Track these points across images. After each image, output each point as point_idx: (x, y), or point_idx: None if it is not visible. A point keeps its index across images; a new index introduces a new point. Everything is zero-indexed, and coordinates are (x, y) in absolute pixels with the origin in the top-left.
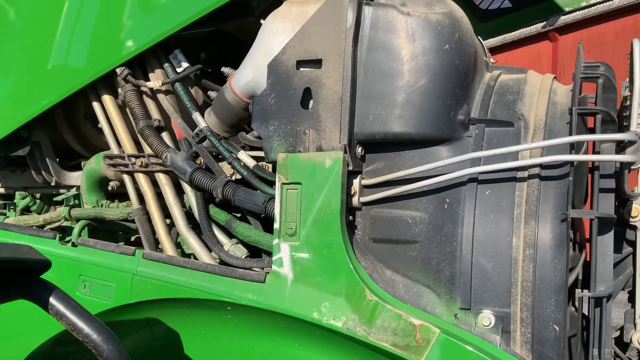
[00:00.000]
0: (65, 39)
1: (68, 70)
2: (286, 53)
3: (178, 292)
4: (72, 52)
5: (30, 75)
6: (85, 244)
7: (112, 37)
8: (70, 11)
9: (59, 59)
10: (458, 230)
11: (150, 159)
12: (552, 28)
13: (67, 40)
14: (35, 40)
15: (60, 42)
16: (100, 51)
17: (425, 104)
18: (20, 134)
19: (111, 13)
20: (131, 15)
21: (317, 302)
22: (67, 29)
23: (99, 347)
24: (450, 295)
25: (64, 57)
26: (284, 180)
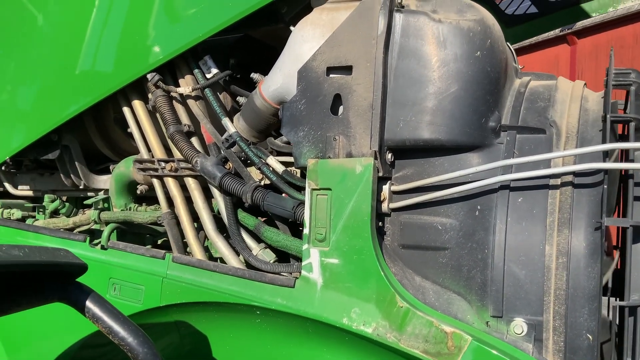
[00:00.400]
0: (96, 44)
1: (99, 76)
2: (316, 59)
3: (207, 295)
4: (103, 57)
5: (60, 80)
6: (116, 247)
7: (143, 43)
8: (100, 16)
9: (89, 64)
10: (490, 238)
11: (180, 164)
12: (570, 31)
13: (98, 46)
14: (65, 45)
15: (90, 48)
16: (131, 57)
17: (457, 110)
18: (51, 138)
19: (142, 19)
20: (162, 21)
21: (347, 307)
22: (97, 34)
23: (134, 350)
24: (482, 303)
25: (94, 63)
26: (313, 186)
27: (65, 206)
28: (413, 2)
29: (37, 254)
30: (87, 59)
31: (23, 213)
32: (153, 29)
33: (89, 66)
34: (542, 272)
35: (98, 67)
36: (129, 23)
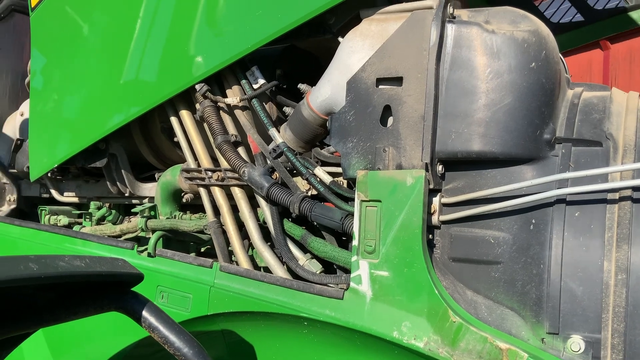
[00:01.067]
0: (144, 54)
1: (147, 86)
2: (366, 70)
3: (255, 305)
4: (152, 68)
5: (109, 89)
6: (163, 255)
7: (192, 54)
8: (148, 27)
9: (138, 75)
10: (545, 253)
11: (227, 173)
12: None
13: (146, 56)
14: (113, 54)
15: (138, 58)
16: (180, 68)
17: (511, 122)
18: (99, 146)
19: (191, 30)
20: (211, 33)
21: (397, 321)
22: (145, 45)
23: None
24: (537, 319)
25: (143, 73)
26: (363, 197)
27: (111, 213)
28: (465, 13)
29: (97, 265)
30: (136, 70)
31: (69, 219)
32: (202, 40)
33: (137, 76)
34: (600, 289)
35: (147, 78)
36: (178, 34)
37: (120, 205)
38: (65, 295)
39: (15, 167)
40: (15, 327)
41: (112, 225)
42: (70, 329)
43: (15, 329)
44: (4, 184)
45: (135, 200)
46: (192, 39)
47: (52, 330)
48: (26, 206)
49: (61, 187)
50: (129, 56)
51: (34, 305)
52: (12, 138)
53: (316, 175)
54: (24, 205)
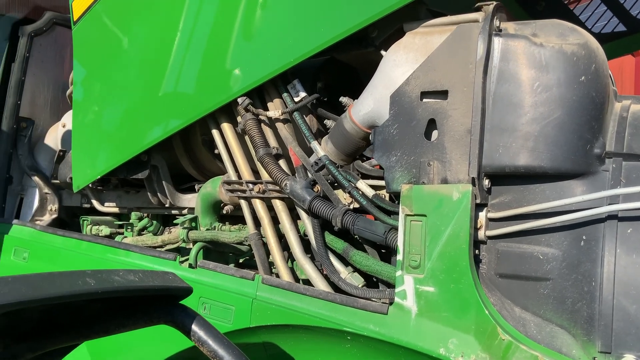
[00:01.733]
0: (187, 68)
1: (191, 99)
2: (410, 84)
3: (297, 318)
4: (194, 81)
5: (151, 102)
6: (206, 267)
7: (234, 68)
8: (191, 40)
9: (181, 88)
10: (597, 270)
11: (268, 186)
12: None
13: (189, 70)
14: (156, 68)
15: (181, 71)
16: (222, 82)
17: (561, 137)
18: (141, 158)
19: (233, 44)
20: (254, 46)
21: (443, 337)
22: (188, 58)
23: None
24: (588, 338)
25: (186, 86)
26: (407, 211)
27: (153, 224)
28: (511, 26)
29: (150, 279)
30: (178, 83)
31: (111, 229)
32: (245, 53)
33: (180, 90)
34: None
35: (190, 91)
36: (219, 47)
37: (159, 215)
38: (114, 307)
39: (58, 178)
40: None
41: (153, 236)
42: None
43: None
44: (45, 194)
45: (175, 210)
46: (234, 53)
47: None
48: (67, 216)
49: (102, 197)
50: (171, 69)
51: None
52: (54, 149)
53: (358, 188)
54: (65, 214)
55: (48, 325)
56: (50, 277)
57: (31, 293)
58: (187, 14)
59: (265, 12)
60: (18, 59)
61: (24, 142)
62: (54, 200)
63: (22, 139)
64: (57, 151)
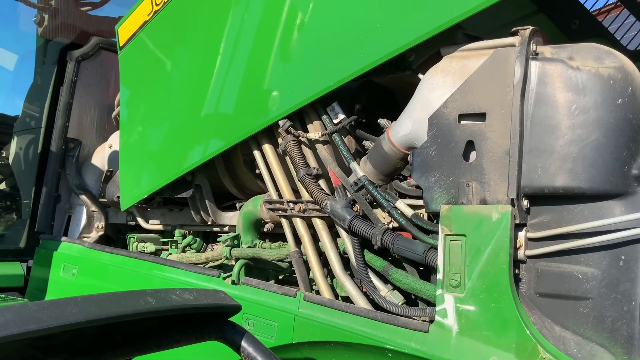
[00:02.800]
0: (229, 91)
1: (234, 121)
2: (448, 107)
3: (339, 335)
4: (236, 104)
5: (195, 124)
6: (249, 284)
7: (275, 91)
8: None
9: (224, 110)
10: (636, 290)
11: (308, 205)
12: None
13: (232, 93)
14: (199, 90)
15: (223, 93)
16: (264, 105)
17: (599, 158)
18: (185, 178)
19: (274, 67)
20: (295, 69)
21: (484, 356)
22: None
23: None
24: (629, 357)
25: (229, 109)
26: (447, 231)
27: (196, 241)
28: (548, 50)
29: (204, 297)
30: (221, 105)
31: (156, 246)
32: (286, 77)
33: (223, 112)
34: None
35: (231, 113)
36: (261, 70)
37: (201, 233)
38: (168, 324)
39: (106, 197)
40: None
41: (197, 253)
42: None
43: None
44: (92, 212)
45: (217, 228)
46: (275, 76)
47: None
48: (112, 233)
49: (146, 215)
50: (212, 92)
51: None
52: (100, 169)
53: (397, 208)
54: (111, 232)
55: (104, 341)
56: (114, 297)
57: (99, 312)
58: (228, 38)
59: (306, 37)
60: (66, 83)
61: (71, 162)
62: (101, 217)
63: (70, 159)
64: (105, 171)
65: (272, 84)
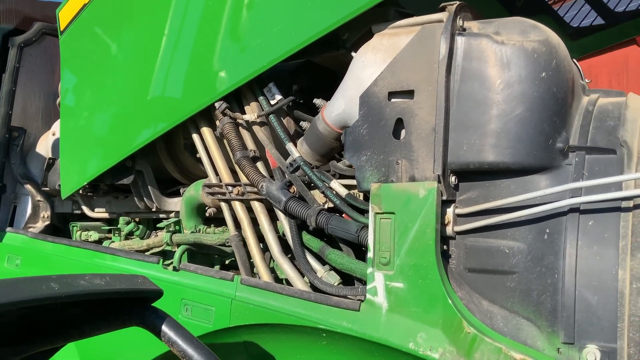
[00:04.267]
0: (166, 73)
1: (171, 104)
2: (378, 85)
3: (275, 317)
4: (174, 86)
5: (135, 109)
6: (187, 269)
7: (212, 72)
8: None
9: (161, 93)
10: (560, 262)
11: (246, 188)
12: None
13: (168, 75)
14: (137, 74)
15: (161, 77)
16: (201, 86)
17: (523, 132)
18: (126, 164)
19: (210, 49)
20: (230, 51)
21: (413, 332)
22: (167, 63)
23: None
24: (552, 329)
25: (165, 92)
26: (377, 210)
27: (139, 228)
28: (475, 25)
29: (117, 282)
30: (159, 88)
31: (100, 235)
32: (221, 58)
33: (161, 95)
34: (615, 298)
35: (170, 96)
36: (199, 52)
37: (148, 220)
38: (91, 311)
39: (48, 186)
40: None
41: (139, 240)
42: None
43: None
44: (38, 201)
45: (163, 215)
46: (211, 58)
47: (83, 344)
48: (59, 222)
49: (92, 203)
50: (152, 76)
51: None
52: (45, 157)
53: (332, 188)
54: (57, 221)
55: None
56: (14, 283)
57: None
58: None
59: (239, 17)
60: (8, 70)
61: (16, 151)
62: (46, 207)
63: (15, 148)
64: (47, 159)
65: (208, 66)
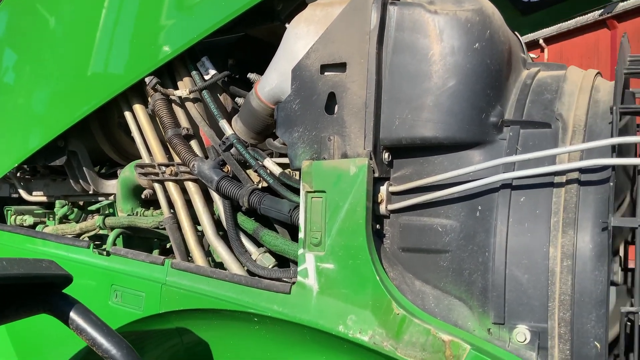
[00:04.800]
0: (94, 49)
1: (99, 82)
2: (310, 57)
3: (205, 302)
4: (103, 63)
5: (67, 86)
6: (117, 253)
7: (139, 47)
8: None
9: (90, 70)
10: (490, 240)
11: (180, 168)
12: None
13: (96, 51)
14: (67, 50)
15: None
16: (129, 62)
17: (455, 106)
18: (57, 144)
19: (138, 23)
20: (158, 24)
21: (343, 314)
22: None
23: None
24: (483, 309)
25: (95, 69)
26: (308, 188)
27: (73, 212)
28: None
29: (16, 267)
30: (92, 64)
31: (35, 219)
32: (149, 32)
33: (90, 72)
34: (545, 276)
35: (98, 73)
36: (126, 26)
37: (88, 203)
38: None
39: None
40: None
41: (74, 224)
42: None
43: None
44: None
45: (102, 198)
46: (139, 31)
47: (18, 333)
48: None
49: (30, 186)
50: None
51: None
52: None
53: (266, 166)
54: None
55: None
56: None
57: None
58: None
59: None
60: None
61: None
62: None
63: None
64: None
65: (138, 39)
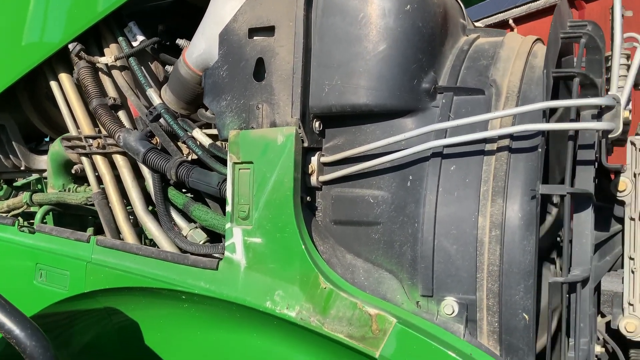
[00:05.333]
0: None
1: (22, 50)
2: (237, 21)
3: (131, 280)
4: (25, 29)
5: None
6: (42, 231)
7: (62, 11)
8: None
9: (11, 37)
10: (420, 210)
11: (107, 140)
12: None
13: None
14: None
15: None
16: (51, 27)
17: (386, 71)
18: None
19: None
20: None
21: (270, 290)
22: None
23: (21, 344)
24: (412, 282)
25: (16, 35)
26: (235, 159)
27: (2, 188)
28: None
29: None
30: (7, 31)
31: None
32: None
33: (9, 38)
34: (474, 247)
35: (19, 39)
36: None
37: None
38: None
39: None
40: None
41: (2, 201)
42: None
43: None
44: None
45: (36, 174)
46: None
47: None
48: None
49: None
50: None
51: None
52: None
53: (195, 137)
54: None
55: None
56: None
57: None
58: None
59: None
60: None
61: None
62: None
63: None
64: None
65: (58, 5)
